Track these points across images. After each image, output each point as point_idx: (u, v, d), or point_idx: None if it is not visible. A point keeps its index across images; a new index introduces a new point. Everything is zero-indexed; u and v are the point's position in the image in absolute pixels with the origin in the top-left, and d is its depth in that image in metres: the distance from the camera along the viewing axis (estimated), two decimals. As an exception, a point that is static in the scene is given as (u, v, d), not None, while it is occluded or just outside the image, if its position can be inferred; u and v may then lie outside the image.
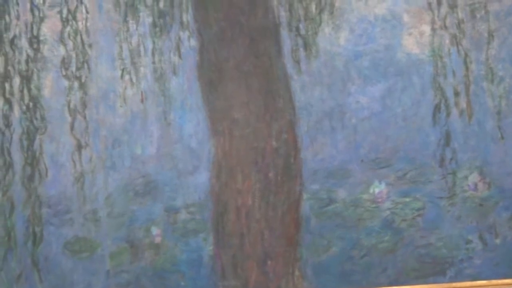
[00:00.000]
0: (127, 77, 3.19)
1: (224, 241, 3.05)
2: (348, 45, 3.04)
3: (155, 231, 3.09)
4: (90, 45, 3.23)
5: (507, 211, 2.87)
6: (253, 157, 3.06)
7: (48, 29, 3.26)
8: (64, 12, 3.25)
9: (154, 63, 3.17)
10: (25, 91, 3.24)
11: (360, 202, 2.96)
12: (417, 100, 2.97)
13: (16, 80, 3.25)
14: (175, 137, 3.13)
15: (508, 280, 2.83)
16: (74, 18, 3.24)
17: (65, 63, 3.23)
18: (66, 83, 3.22)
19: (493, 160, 2.90)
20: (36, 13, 3.27)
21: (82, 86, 3.21)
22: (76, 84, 3.22)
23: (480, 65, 2.94)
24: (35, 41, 3.26)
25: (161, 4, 3.18)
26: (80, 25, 3.24)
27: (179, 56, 3.16)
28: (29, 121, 3.23)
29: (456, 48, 2.96)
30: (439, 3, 2.99)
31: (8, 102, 3.25)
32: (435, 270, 2.89)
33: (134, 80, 3.18)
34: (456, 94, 2.95)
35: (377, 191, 2.96)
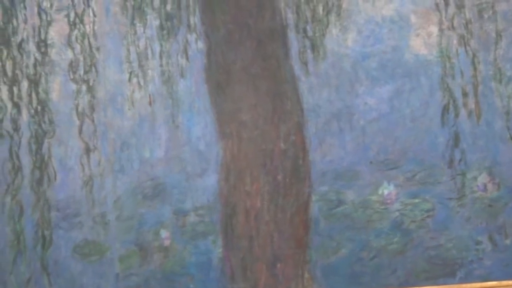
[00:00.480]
0: (134, 80, 3.19)
1: (233, 243, 3.05)
2: (356, 46, 3.04)
3: (164, 234, 3.09)
4: (97, 49, 3.23)
5: (516, 211, 2.87)
6: (261, 159, 3.06)
7: (56, 33, 3.26)
8: (72, 15, 3.25)
9: (161, 66, 3.17)
10: (33, 95, 3.24)
11: (369, 203, 2.96)
12: (425, 101, 2.96)
13: (24, 84, 3.26)
14: (183, 140, 3.13)
15: (518, 281, 2.83)
16: (82, 22, 3.24)
17: (73, 66, 3.24)
18: (74, 87, 3.23)
19: (502, 160, 2.89)
20: (43, 16, 3.27)
21: (90, 89, 3.22)
22: (84, 87, 3.22)
23: (488, 65, 2.94)
24: (42, 45, 3.26)
25: (168, 7, 3.18)
26: (88, 28, 3.24)
27: (187, 58, 3.16)
28: (38, 124, 3.23)
29: (464, 49, 2.96)
30: (446, 4, 2.98)
31: (16, 106, 3.25)
32: (445, 271, 2.88)
33: (142, 83, 3.18)
34: (465, 95, 2.94)
35: (386, 192, 2.95)
